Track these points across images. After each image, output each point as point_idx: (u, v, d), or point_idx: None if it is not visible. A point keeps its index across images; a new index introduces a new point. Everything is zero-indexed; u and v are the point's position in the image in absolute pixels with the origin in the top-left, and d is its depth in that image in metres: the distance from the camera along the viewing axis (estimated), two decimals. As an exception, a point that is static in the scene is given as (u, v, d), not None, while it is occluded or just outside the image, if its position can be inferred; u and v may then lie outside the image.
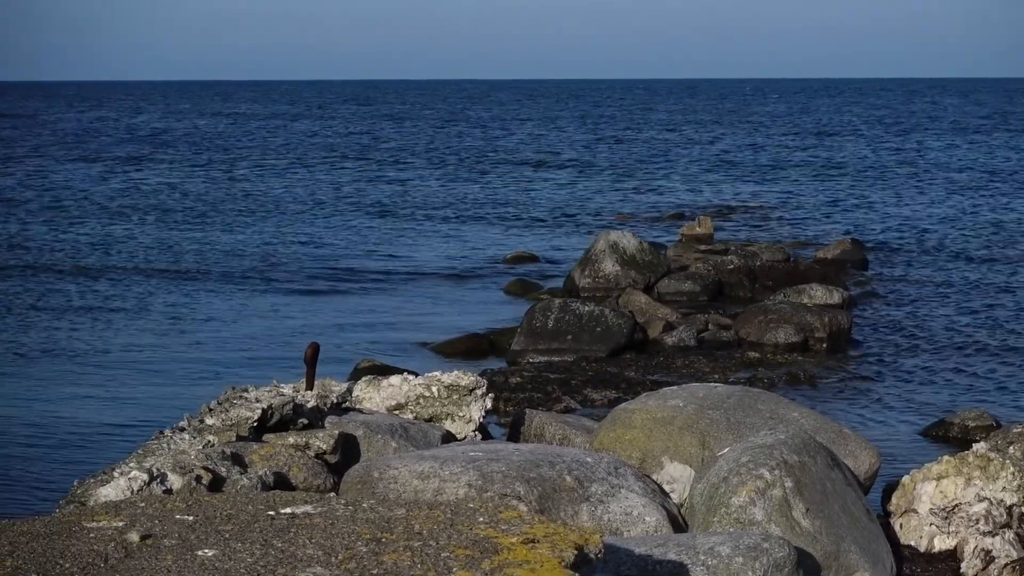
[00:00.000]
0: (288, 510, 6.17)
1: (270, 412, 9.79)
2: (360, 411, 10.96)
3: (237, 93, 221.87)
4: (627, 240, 25.61)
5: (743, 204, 42.96)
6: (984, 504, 10.39)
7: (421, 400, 11.34)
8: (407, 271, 29.63)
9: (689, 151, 69.79)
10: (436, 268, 30.07)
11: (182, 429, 9.75)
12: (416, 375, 11.84)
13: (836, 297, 23.30)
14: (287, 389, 10.42)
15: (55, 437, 16.10)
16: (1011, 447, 11.19)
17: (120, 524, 5.95)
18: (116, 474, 8.42)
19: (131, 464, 8.63)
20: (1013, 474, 10.51)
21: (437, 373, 11.59)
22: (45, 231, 36.39)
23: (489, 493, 8.72)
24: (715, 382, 15.91)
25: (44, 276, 28.55)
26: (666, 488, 10.02)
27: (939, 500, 10.55)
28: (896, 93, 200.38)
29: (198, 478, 8.47)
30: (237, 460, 9.03)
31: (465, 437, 11.16)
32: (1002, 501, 10.44)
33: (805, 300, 22.87)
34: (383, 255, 32.28)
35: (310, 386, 10.85)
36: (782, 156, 65.17)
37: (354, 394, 11.42)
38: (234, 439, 9.61)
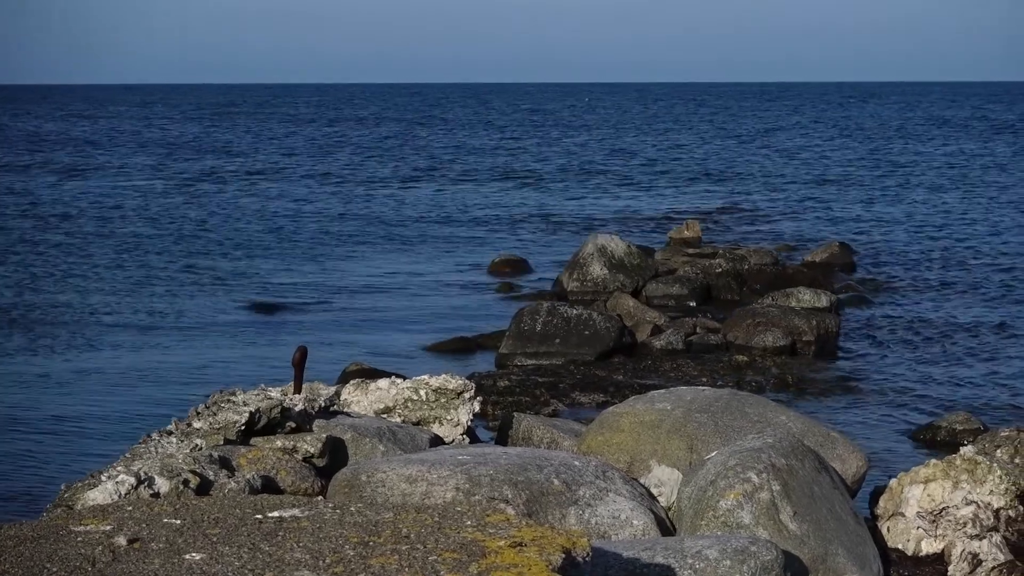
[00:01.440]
0: (276, 513, 6.17)
1: (258, 415, 9.77)
2: (348, 414, 10.95)
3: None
4: (615, 244, 25.63)
5: (731, 208, 42.99)
6: (971, 507, 10.41)
7: (409, 403, 11.33)
8: (394, 276, 29.62)
9: (676, 155, 69.85)
10: (423, 272, 30.07)
11: (169, 432, 9.73)
12: (404, 378, 11.83)
13: (824, 300, 23.32)
14: (275, 392, 10.41)
15: (41, 442, 16.08)
16: (998, 450, 11.21)
17: (108, 528, 5.95)
18: (104, 478, 8.40)
19: (119, 468, 8.62)
20: (1000, 477, 10.52)
21: (425, 376, 11.58)
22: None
23: (477, 496, 8.72)
24: (703, 385, 15.93)
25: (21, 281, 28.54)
26: (654, 491, 10.01)
27: (926, 503, 10.57)
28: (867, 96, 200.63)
29: (186, 482, 8.46)
30: (225, 463, 9.02)
31: (453, 440, 11.16)
32: (989, 504, 10.45)
33: (793, 303, 22.88)
34: (369, 260, 32.27)
35: (298, 389, 10.84)
36: (770, 161, 65.24)
37: (342, 397, 11.41)
38: (222, 442, 9.60)
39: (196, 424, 9.74)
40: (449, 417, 11.28)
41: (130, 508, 6.34)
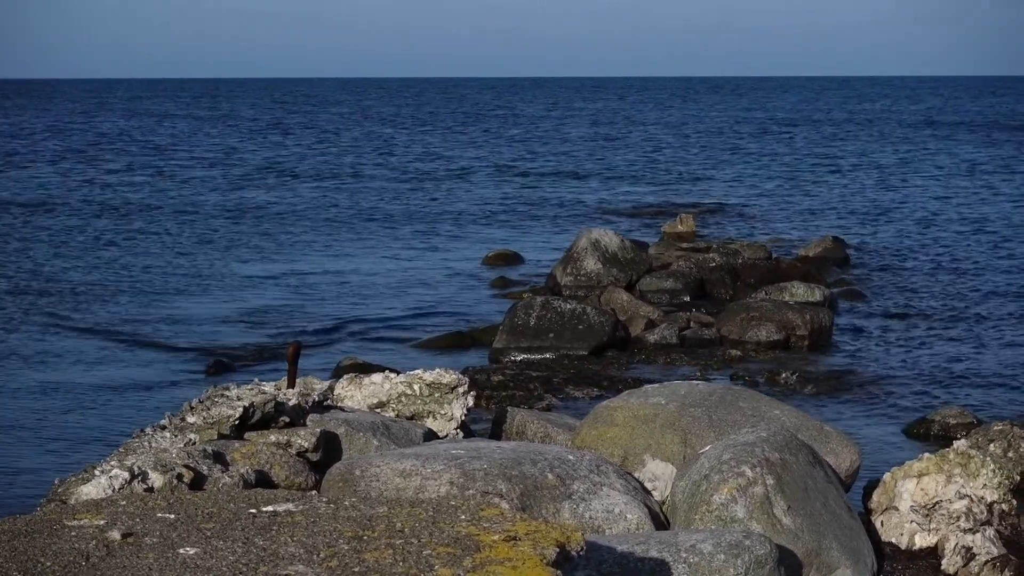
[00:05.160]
0: (270, 508, 6.18)
1: (251, 410, 9.78)
2: (342, 409, 10.95)
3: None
4: (609, 238, 25.62)
5: (725, 202, 43.00)
6: (965, 501, 10.42)
7: (403, 398, 11.33)
8: (387, 270, 29.62)
9: (667, 149, 69.90)
10: (416, 266, 30.06)
11: (163, 427, 9.73)
12: (398, 373, 11.83)
13: (818, 295, 23.31)
14: (269, 387, 10.41)
15: (35, 435, 16.07)
16: (991, 444, 11.23)
17: (101, 522, 5.95)
18: (97, 472, 8.40)
19: (112, 462, 8.62)
20: (993, 471, 10.53)
21: (419, 371, 11.58)
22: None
23: (471, 491, 8.72)
24: (697, 380, 15.93)
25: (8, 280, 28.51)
26: (648, 486, 10.02)
27: (920, 497, 10.58)
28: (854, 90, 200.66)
29: (179, 476, 8.46)
30: (219, 458, 9.02)
31: (447, 435, 11.16)
32: (982, 498, 10.46)
33: (787, 298, 22.88)
34: (362, 255, 32.27)
35: (292, 384, 10.85)
36: (761, 154, 65.28)
37: (336, 392, 11.42)
38: (215, 437, 9.60)
39: (190, 419, 9.75)
40: (443, 412, 11.29)
41: (124, 503, 6.34)
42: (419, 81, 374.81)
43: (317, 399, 10.69)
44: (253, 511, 6.14)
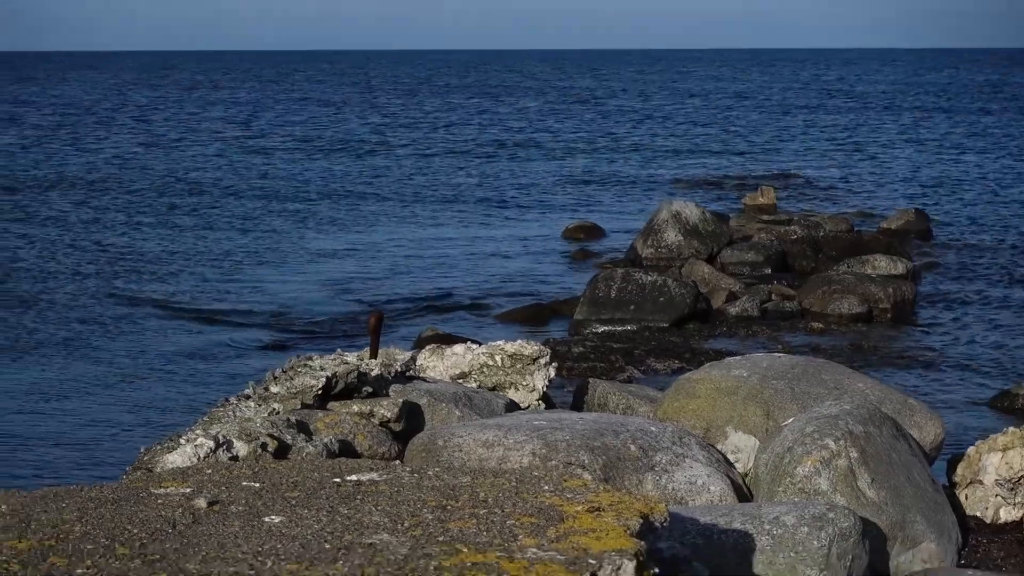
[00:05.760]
0: (354, 477, 6.20)
1: (334, 380, 9.81)
2: (424, 380, 10.97)
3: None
4: (690, 210, 25.53)
5: (799, 174, 42.74)
6: (1051, 476, 10.32)
7: (484, 369, 11.34)
8: (469, 242, 29.67)
9: (738, 121, 69.52)
10: (497, 238, 30.10)
11: (247, 397, 9.78)
12: (479, 344, 11.84)
13: (900, 268, 23.14)
14: (351, 357, 10.44)
15: (120, 404, 16.23)
16: (1078, 418, 11.11)
17: (187, 490, 5.99)
18: (183, 441, 8.46)
19: (197, 431, 8.67)
20: (1080, 445, 10.43)
21: (500, 342, 11.59)
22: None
23: (553, 462, 8.71)
24: (779, 352, 15.86)
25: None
26: (730, 458, 9.99)
27: (1005, 471, 10.48)
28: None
29: (264, 445, 8.50)
30: (302, 428, 9.06)
31: (529, 406, 11.17)
32: (1069, 472, 10.36)
33: (869, 271, 22.73)
34: (444, 227, 32.34)
35: (374, 355, 10.88)
36: (844, 128, 64.83)
37: (418, 363, 11.44)
38: (299, 407, 9.64)
39: (273, 388, 9.79)
40: (525, 383, 11.29)
41: (209, 471, 6.38)
42: (485, 53, 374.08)
43: (399, 369, 10.72)
44: (337, 480, 6.16)
